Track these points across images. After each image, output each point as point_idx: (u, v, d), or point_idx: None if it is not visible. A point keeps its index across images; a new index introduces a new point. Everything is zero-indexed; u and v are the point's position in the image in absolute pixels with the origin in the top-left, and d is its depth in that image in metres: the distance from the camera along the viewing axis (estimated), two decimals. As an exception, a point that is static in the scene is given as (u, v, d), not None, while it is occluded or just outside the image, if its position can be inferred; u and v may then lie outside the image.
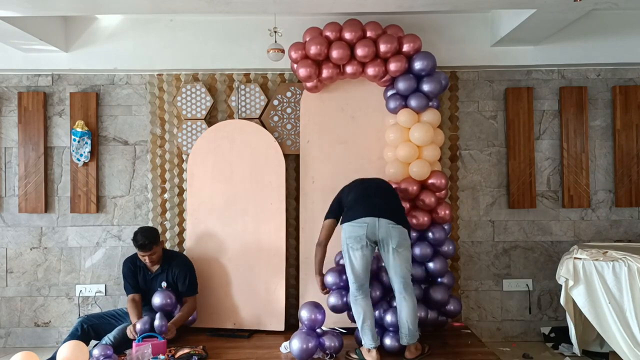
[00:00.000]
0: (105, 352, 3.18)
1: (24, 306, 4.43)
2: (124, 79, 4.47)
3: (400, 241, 3.30)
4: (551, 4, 3.31)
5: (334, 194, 4.07)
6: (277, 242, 4.09)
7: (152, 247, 3.68)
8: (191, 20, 4.28)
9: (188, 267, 3.86)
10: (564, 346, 4.09)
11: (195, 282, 3.89)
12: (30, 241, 4.44)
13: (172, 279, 3.80)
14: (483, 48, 4.29)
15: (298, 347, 3.32)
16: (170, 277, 3.80)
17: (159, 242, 3.77)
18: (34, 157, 4.39)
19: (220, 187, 4.16)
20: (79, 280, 4.43)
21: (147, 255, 3.70)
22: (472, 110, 4.47)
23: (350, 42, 3.88)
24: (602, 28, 4.26)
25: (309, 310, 3.46)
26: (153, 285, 3.81)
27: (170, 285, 3.80)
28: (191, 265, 3.92)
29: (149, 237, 3.68)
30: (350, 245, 3.31)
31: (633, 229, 4.46)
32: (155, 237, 3.73)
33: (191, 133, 4.33)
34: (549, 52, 4.29)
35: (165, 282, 3.80)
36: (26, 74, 4.44)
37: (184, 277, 3.79)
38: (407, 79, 3.88)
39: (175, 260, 3.85)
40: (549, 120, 4.48)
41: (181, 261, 3.87)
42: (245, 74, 4.39)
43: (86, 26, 4.28)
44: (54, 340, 4.38)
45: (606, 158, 4.48)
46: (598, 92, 4.48)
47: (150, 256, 3.71)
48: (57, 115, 4.46)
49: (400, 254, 3.30)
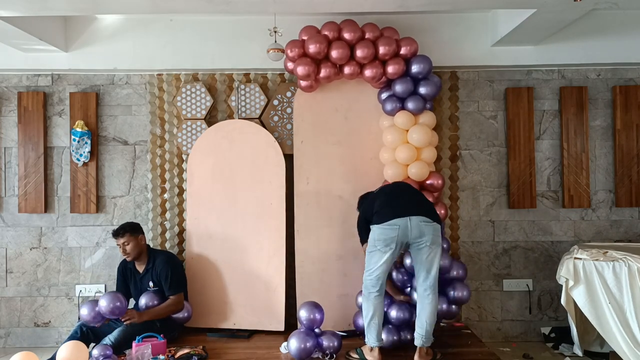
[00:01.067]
0: (104, 352, 3.18)
1: (23, 306, 4.43)
2: (124, 78, 4.46)
3: (434, 238, 3.22)
4: (551, 3, 3.31)
5: (329, 194, 4.10)
6: (277, 242, 4.08)
7: (125, 234, 3.69)
8: (191, 20, 4.28)
9: (170, 265, 3.80)
10: (564, 346, 4.09)
11: (178, 280, 3.82)
12: (30, 241, 4.44)
13: (156, 277, 3.78)
14: (483, 48, 4.29)
15: (296, 347, 3.32)
16: (154, 276, 3.78)
17: (137, 234, 3.76)
18: (34, 157, 4.39)
19: (220, 187, 4.16)
20: (79, 280, 4.43)
21: (121, 244, 3.72)
22: (472, 110, 4.47)
23: (350, 42, 3.88)
24: (602, 28, 4.25)
25: (307, 310, 3.46)
26: (142, 286, 3.82)
27: (156, 284, 3.78)
28: (175, 262, 3.89)
29: (125, 225, 3.75)
30: (379, 248, 3.23)
31: (633, 229, 4.45)
32: (132, 227, 3.76)
33: (191, 133, 4.32)
34: (549, 52, 4.29)
35: (151, 281, 3.79)
36: (26, 74, 4.44)
37: (165, 274, 3.74)
38: (405, 82, 3.89)
39: (158, 258, 3.83)
40: (549, 120, 4.48)
41: (163, 259, 3.83)
42: (245, 74, 4.39)
43: (86, 26, 4.28)
44: (54, 340, 4.38)
45: (606, 158, 4.48)
46: (598, 92, 4.48)
47: (124, 245, 3.71)
48: (56, 115, 4.45)
49: (433, 251, 3.22)
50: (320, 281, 4.04)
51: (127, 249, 3.74)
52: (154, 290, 3.77)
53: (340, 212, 4.10)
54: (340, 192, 4.12)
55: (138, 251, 3.78)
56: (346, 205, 4.09)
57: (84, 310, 3.51)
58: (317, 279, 4.03)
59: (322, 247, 4.07)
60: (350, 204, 4.06)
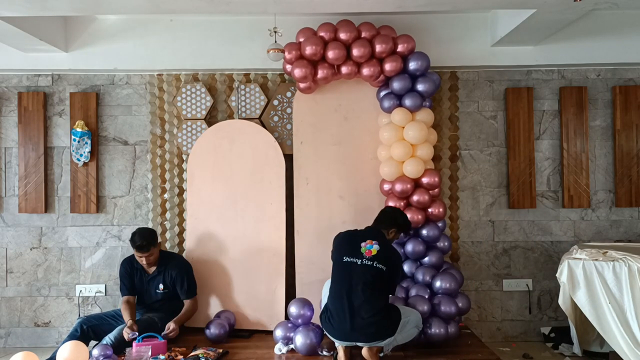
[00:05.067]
0: (105, 352, 3.18)
1: (24, 306, 4.43)
2: (124, 79, 4.47)
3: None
4: (551, 4, 3.31)
5: (329, 195, 4.11)
6: (277, 242, 4.09)
7: (150, 248, 3.66)
8: (191, 21, 4.28)
9: (186, 269, 3.85)
10: (564, 346, 4.09)
11: (193, 284, 3.87)
12: (30, 241, 4.44)
13: (170, 281, 3.79)
14: (483, 48, 4.29)
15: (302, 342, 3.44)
16: (167, 279, 3.79)
17: (157, 243, 3.76)
18: (34, 157, 4.39)
19: (220, 187, 4.16)
20: (79, 280, 4.43)
21: (145, 257, 3.68)
22: (472, 110, 4.47)
23: (346, 42, 3.88)
24: (602, 28, 4.26)
25: (298, 307, 3.59)
26: (150, 288, 3.81)
27: (167, 287, 3.79)
28: (189, 266, 3.91)
29: (147, 238, 3.66)
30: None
31: (633, 229, 4.46)
32: (153, 239, 3.71)
33: (191, 133, 4.33)
34: (549, 52, 4.29)
35: (162, 284, 3.79)
36: (26, 74, 4.44)
37: (181, 279, 3.78)
38: (402, 79, 3.89)
39: (172, 261, 3.83)
40: (549, 120, 4.48)
41: (178, 263, 3.85)
42: (245, 74, 4.39)
43: (86, 26, 4.29)
44: (54, 340, 4.38)
45: (606, 158, 4.48)
46: (598, 92, 4.48)
47: (148, 257, 3.69)
48: (57, 115, 4.46)
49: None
50: (320, 281, 4.03)
51: (151, 260, 3.73)
52: (162, 292, 3.78)
53: (340, 212, 4.10)
54: (340, 192, 4.13)
55: (157, 258, 3.79)
56: (346, 205, 4.10)
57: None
58: (316, 279, 4.03)
59: (321, 247, 4.06)
60: (351, 204, 4.07)
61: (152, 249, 3.68)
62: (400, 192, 3.82)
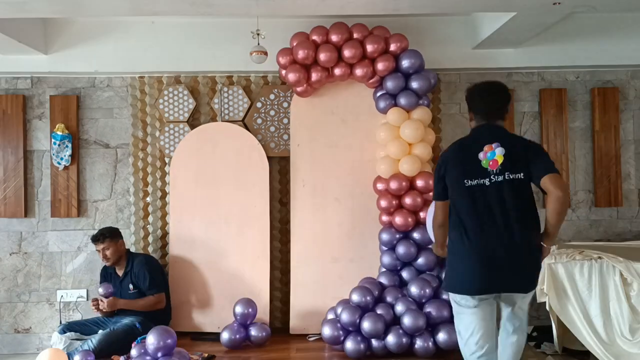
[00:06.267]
0: (86, 358, 3.14)
1: (3, 312, 4.35)
2: (105, 81, 4.42)
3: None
4: (531, 7, 3.35)
5: (325, 197, 4.09)
6: (261, 245, 4.08)
7: (104, 240, 3.73)
8: (173, 22, 4.25)
9: (147, 265, 3.84)
10: (546, 345, 4.12)
11: (158, 279, 3.85)
12: (9, 246, 4.37)
13: (135, 279, 3.80)
14: (464, 50, 4.33)
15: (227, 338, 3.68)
16: (133, 278, 3.81)
17: (116, 239, 3.81)
18: (13, 161, 4.33)
19: (203, 190, 4.14)
20: (60, 285, 4.37)
21: (100, 250, 3.75)
22: (454, 112, 4.51)
23: (337, 44, 3.90)
24: (581, 31, 4.31)
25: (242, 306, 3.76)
26: (122, 290, 3.82)
27: (136, 286, 3.80)
28: (152, 262, 3.92)
29: (104, 231, 3.79)
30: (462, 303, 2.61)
31: (612, 229, 4.52)
32: (112, 233, 3.80)
33: (173, 136, 4.30)
34: (529, 54, 4.34)
35: (131, 284, 3.80)
36: (5, 76, 4.37)
37: (143, 275, 3.78)
38: (396, 78, 3.90)
39: (136, 260, 3.86)
40: (530, 122, 4.53)
41: (140, 260, 3.87)
42: (228, 77, 4.37)
43: (66, 28, 4.23)
44: (35, 346, 4.31)
45: (585, 159, 4.54)
46: (577, 94, 4.55)
47: (104, 250, 3.75)
48: (36, 118, 4.39)
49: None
50: (315, 283, 4.03)
51: (107, 254, 3.77)
52: (133, 292, 3.77)
53: (336, 215, 4.09)
54: (336, 194, 4.12)
55: (117, 256, 3.81)
56: (342, 207, 4.10)
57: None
58: (311, 281, 4.02)
59: (317, 249, 4.06)
60: (347, 206, 4.08)
61: (108, 242, 3.74)
62: (395, 190, 3.82)
